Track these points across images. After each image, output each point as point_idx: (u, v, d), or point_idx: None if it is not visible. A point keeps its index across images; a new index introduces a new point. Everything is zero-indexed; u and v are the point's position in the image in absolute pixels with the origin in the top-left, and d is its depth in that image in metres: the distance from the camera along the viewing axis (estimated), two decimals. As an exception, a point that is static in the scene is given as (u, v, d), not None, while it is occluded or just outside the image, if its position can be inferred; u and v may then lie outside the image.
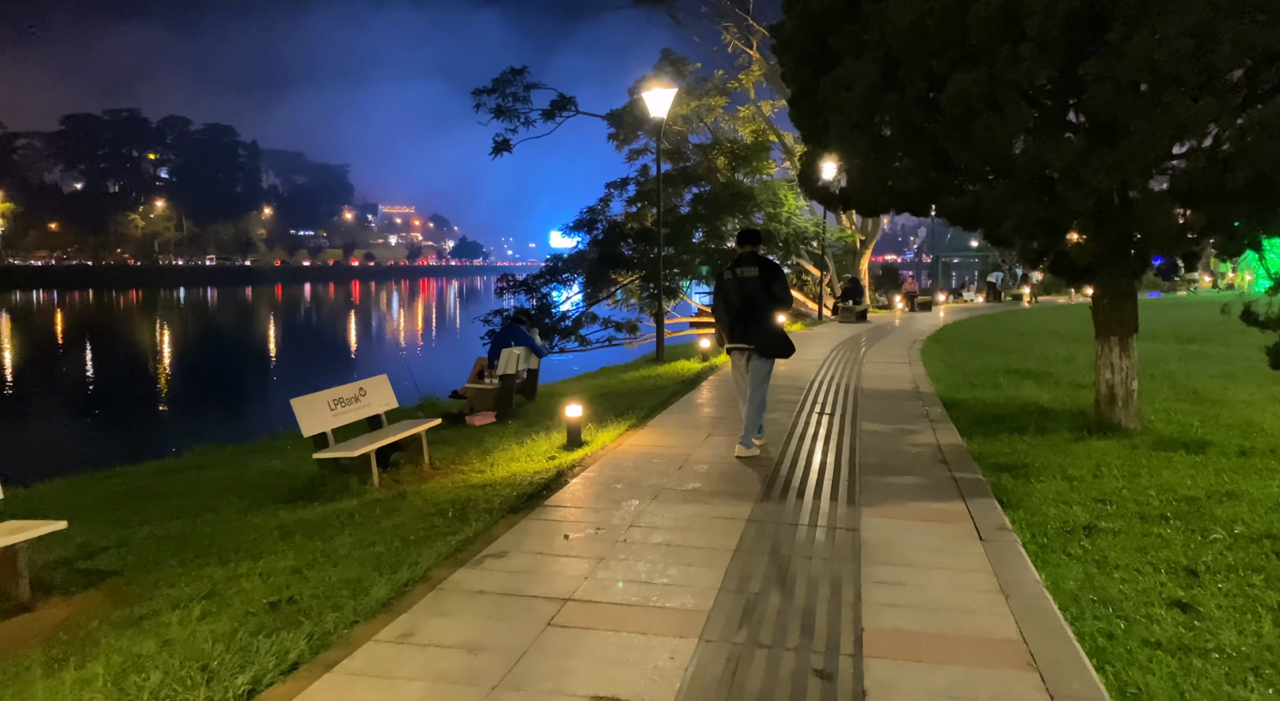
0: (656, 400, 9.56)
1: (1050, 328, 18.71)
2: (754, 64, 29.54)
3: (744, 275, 6.79)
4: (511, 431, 8.74)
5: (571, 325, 26.51)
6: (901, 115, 6.84)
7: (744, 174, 26.28)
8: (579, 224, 26.91)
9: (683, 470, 6.34)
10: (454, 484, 6.47)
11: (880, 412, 8.82)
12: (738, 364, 7.07)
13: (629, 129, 28.42)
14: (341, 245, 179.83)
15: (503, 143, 25.53)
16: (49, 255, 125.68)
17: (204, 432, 15.57)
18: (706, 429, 7.96)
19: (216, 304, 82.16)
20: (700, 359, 13.66)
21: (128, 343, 44.11)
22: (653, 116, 14.83)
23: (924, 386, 10.74)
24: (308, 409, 6.87)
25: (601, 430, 7.98)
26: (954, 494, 5.74)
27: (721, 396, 10.02)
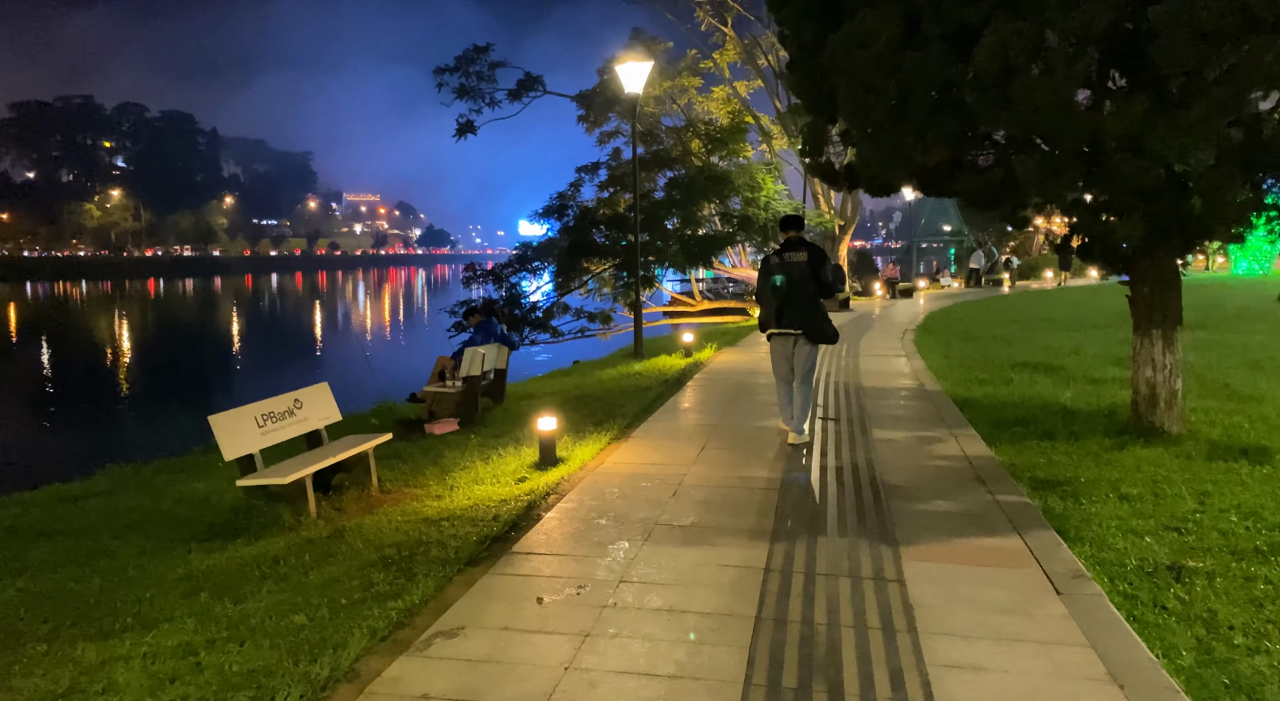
0: (639, 405, 8.55)
1: (1043, 315, 17.95)
2: (728, 43, 28.46)
3: (791, 260, 6.74)
4: (476, 443, 7.69)
5: (542, 316, 25.36)
6: (925, 76, 5.86)
7: (720, 157, 25.25)
8: (548, 210, 25.72)
9: (678, 496, 5.35)
10: (405, 516, 5.42)
11: (890, 416, 7.89)
12: (780, 349, 6.97)
13: (599, 110, 27.25)
14: (305, 234, 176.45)
15: (466, 125, 24.23)
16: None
17: (137, 443, 14.31)
18: (699, 440, 6.97)
19: (175, 297, 79.67)
20: (683, 354, 12.67)
21: (71, 341, 42.17)
22: (627, 92, 13.75)
23: (929, 383, 9.84)
24: (229, 427, 5.78)
25: (580, 444, 6.97)
26: (1003, 523, 4.81)
27: (711, 399, 9.04)
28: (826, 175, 7.29)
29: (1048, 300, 23.66)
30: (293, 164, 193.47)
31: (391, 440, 8.72)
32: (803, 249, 6.79)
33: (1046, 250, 58.75)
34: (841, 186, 7.19)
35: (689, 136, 26.75)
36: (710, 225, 25.97)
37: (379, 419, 10.15)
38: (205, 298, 78.04)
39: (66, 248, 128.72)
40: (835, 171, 7.32)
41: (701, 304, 31.52)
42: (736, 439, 7.00)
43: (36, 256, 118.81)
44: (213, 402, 23.30)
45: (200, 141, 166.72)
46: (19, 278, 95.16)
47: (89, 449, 14.88)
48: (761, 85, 29.51)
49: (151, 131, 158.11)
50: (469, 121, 24.48)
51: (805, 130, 7.21)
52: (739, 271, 30.18)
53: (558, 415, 8.28)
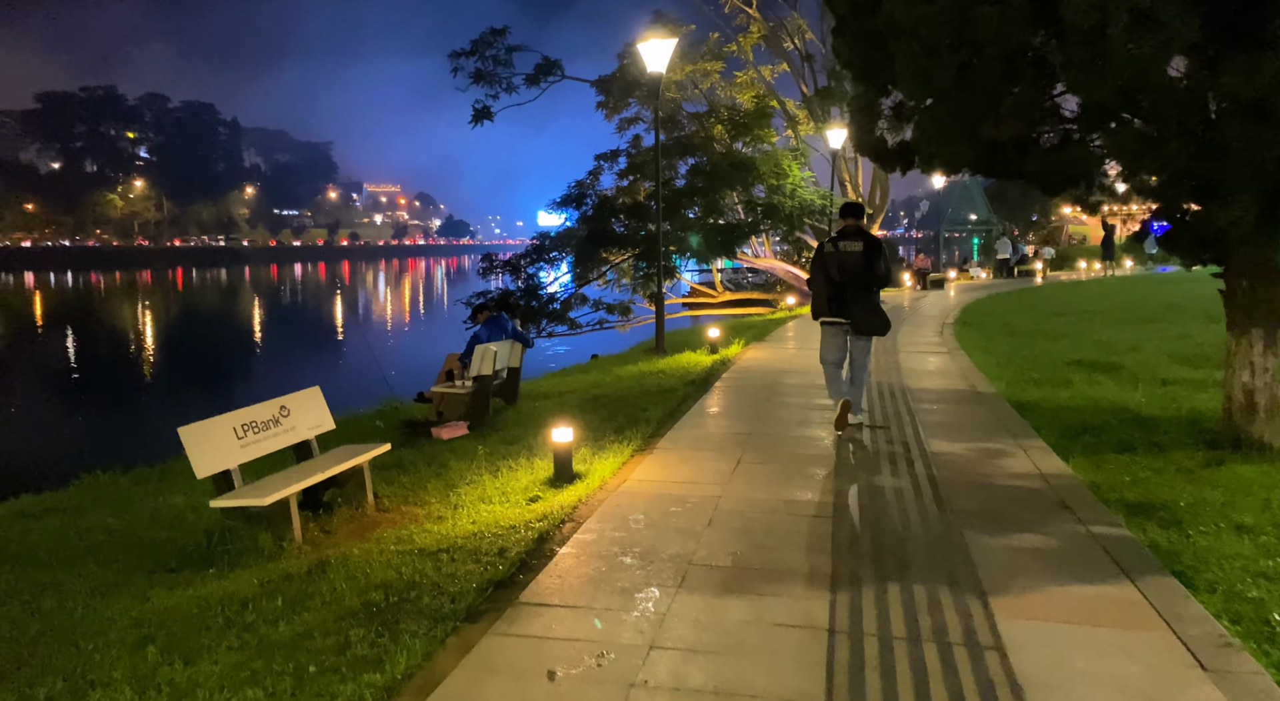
0: (664, 409, 7.78)
1: (1086, 307, 17.00)
2: (753, 25, 27.50)
3: (846, 249, 6.61)
4: (486, 452, 6.96)
5: (560, 307, 24.66)
6: (1001, 34, 5.03)
7: (744, 143, 24.35)
8: (566, 199, 24.97)
9: (714, 526, 4.59)
10: (399, 544, 4.70)
11: (944, 423, 7.08)
12: (831, 338, 6.93)
13: (619, 96, 26.41)
14: (326, 224, 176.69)
15: (483, 110, 23.48)
16: (25, 236, 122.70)
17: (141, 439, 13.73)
18: (733, 452, 6.20)
19: (197, 287, 79.71)
20: (708, 350, 11.88)
21: (90, 332, 41.99)
22: (649, 71, 12.94)
23: (981, 384, 9.00)
24: (202, 440, 5.08)
25: (599, 456, 6.22)
26: (1105, 564, 4.02)
27: (743, 403, 8.25)
28: (878, 154, 6.48)
29: (1085, 292, 22.63)
30: (313, 154, 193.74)
31: (395, 446, 8.05)
32: (859, 238, 6.66)
33: (1076, 240, 57.43)
34: (893, 167, 6.38)
35: (711, 122, 25.89)
36: (733, 214, 25.11)
37: (384, 420, 9.46)
38: (228, 288, 78.03)
39: (90, 237, 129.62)
40: (887, 150, 6.50)
41: (724, 295, 30.67)
42: (775, 451, 6.22)
43: (61, 245, 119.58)
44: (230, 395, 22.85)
45: (222, 132, 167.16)
46: (41, 267, 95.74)
47: (90, 446, 14.35)
48: (787, 69, 28.55)
49: (173, 122, 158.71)
50: (485, 107, 23.73)
51: (853, 103, 6.40)
52: (763, 261, 29.31)
53: (574, 421, 7.54)
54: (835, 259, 6.64)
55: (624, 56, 26.48)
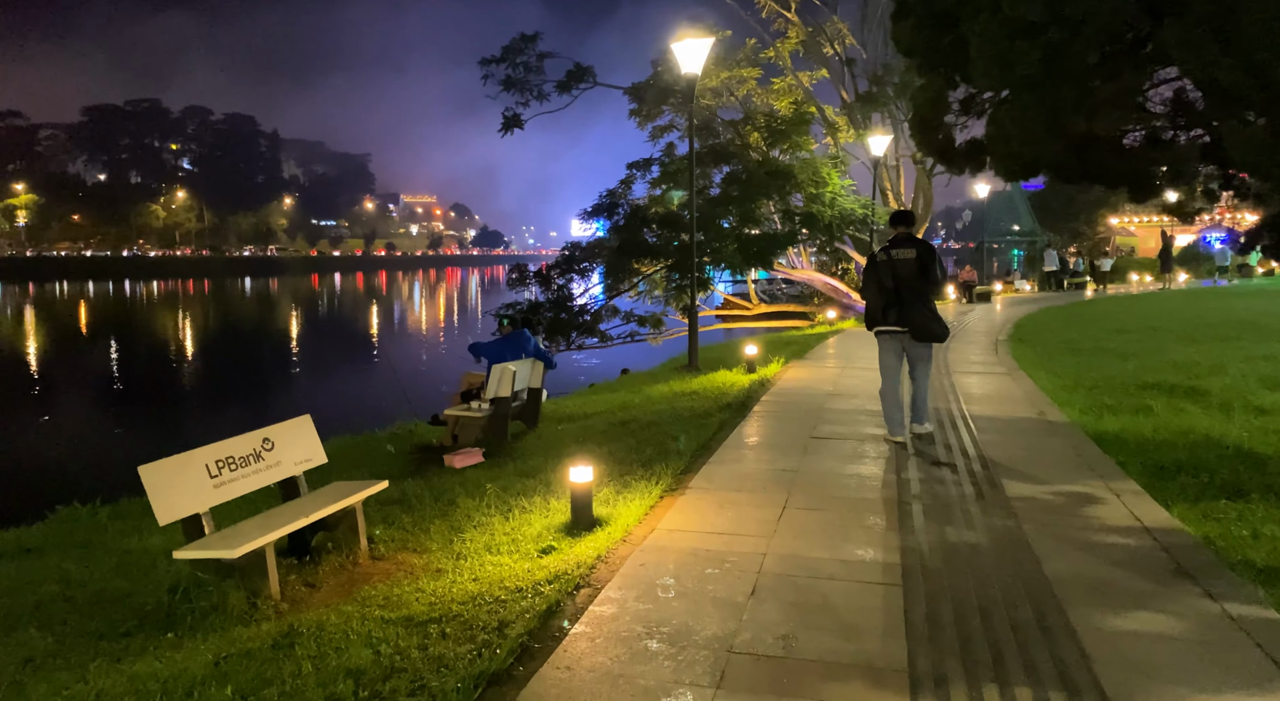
0: (697, 439, 7.01)
1: (1148, 323, 15.90)
2: (791, 30, 26.70)
3: (900, 257, 6.58)
4: (499, 487, 6.25)
5: (590, 319, 23.99)
6: (1103, 11, 4.23)
7: (781, 151, 23.55)
8: (597, 209, 24.32)
9: (759, 596, 3.81)
10: (386, 607, 3.99)
11: (1018, 459, 6.23)
12: (889, 346, 6.90)
13: (652, 103, 25.75)
14: (362, 235, 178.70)
15: (513, 118, 22.95)
16: (70, 246, 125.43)
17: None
18: (777, 496, 5.41)
19: (237, 296, 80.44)
20: (745, 369, 11.08)
21: (131, 342, 42.20)
22: (684, 72, 12.23)
23: (1050, 411, 8.11)
24: (167, 479, 4.43)
25: (624, 496, 5.47)
26: (1261, 663, 3.18)
27: (786, 432, 7.45)
28: (944, 155, 5.70)
29: (1144, 306, 21.43)
30: (351, 165, 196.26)
31: (404, 475, 7.38)
32: (911, 245, 6.60)
33: (1124, 251, 55.69)
34: (961, 169, 5.60)
35: (747, 130, 25.12)
36: (769, 224, 24.29)
37: (397, 443, 8.81)
38: (265, 298, 78.64)
39: (133, 247, 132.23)
40: (954, 150, 5.70)
41: (758, 307, 29.78)
42: (827, 494, 5.43)
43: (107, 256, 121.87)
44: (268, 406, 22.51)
45: (262, 143, 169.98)
46: (85, 277, 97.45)
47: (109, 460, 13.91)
48: (825, 75, 27.66)
49: (215, 133, 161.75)
50: (515, 115, 23.20)
51: (917, 96, 5.62)
52: (800, 273, 28.40)
53: (598, 451, 6.83)
54: (889, 267, 6.63)
55: (657, 63, 25.84)
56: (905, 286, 6.60)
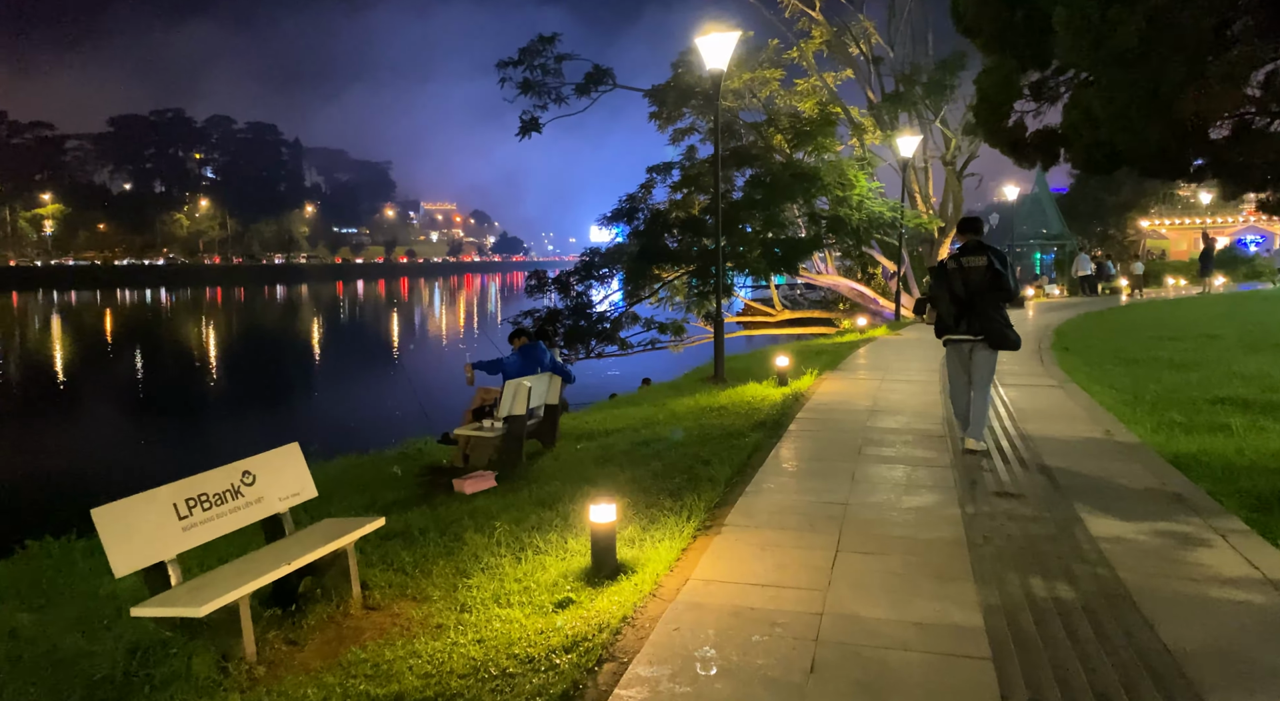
0: (730, 463, 6.35)
1: (1201, 329, 15.01)
2: (815, 29, 26.01)
3: (970, 264, 6.53)
4: (514, 515, 5.63)
5: (610, 327, 23.39)
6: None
7: (806, 153, 22.83)
8: (617, 214, 23.74)
9: (820, 674, 3.14)
10: (373, 680, 3.37)
11: (1096, 490, 5.52)
12: (956, 355, 6.86)
13: (673, 106, 25.13)
14: (383, 242, 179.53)
15: (531, 122, 22.44)
16: (96, 255, 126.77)
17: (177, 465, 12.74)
18: (828, 533, 4.74)
19: (262, 303, 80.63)
20: (775, 382, 10.40)
21: (156, 348, 42.11)
22: (709, 68, 11.59)
23: (1117, 429, 7.38)
24: (126, 523, 3.84)
25: (651, 533, 4.83)
26: None
27: (829, 457, 6.77)
28: (1014, 145, 5.03)
29: (1188, 311, 20.48)
30: (372, 173, 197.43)
31: (410, 503, 6.77)
32: (982, 253, 6.51)
33: (1155, 255, 54.43)
34: (1031, 161, 4.97)
35: (770, 131, 24.44)
36: (794, 228, 23.60)
37: (404, 465, 8.21)
38: (288, 305, 78.75)
39: (158, 256, 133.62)
40: (1024, 140, 5.02)
41: (782, 313, 29.03)
42: (884, 533, 4.75)
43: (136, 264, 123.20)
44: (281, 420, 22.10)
45: (284, 152, 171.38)
46: (111, 284, 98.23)
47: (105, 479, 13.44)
48: (851, 76, 26.93)
49: (238, 142, 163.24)
50: (534, 118, 22.68)
51: (983, 80, 4.96)
52: (825, 278, 27.66)
53: (620, 475, 6.18)
54: (960, 275, 6.56)
55: (678, 65, 25.25)
56: (977, 294, 6.52)
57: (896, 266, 24.21)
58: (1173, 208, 53.03)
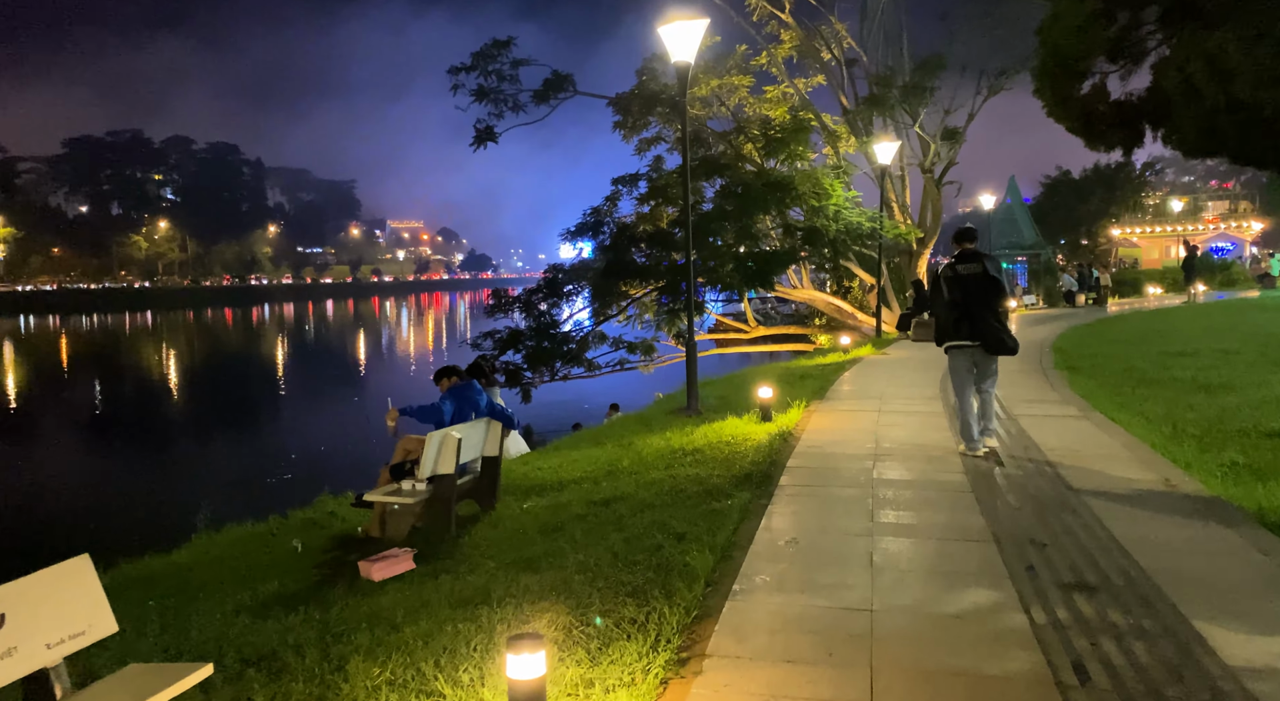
0: (709, 540, 4.91)
1: (1211, 344, 13.83)
2: (785, 34, 24.89)
3: (967, 272, 6.76)
4: (425, 625, 4.18)
5: (576, 347, 21.92)
6: None
7: (779, 161, 21.63)
8: (582, 228, 22.37)
9: None
10: None
11: (1190, 575, 4.17)
12: (960, 362, 7.01)
13: (639, 114, 23.85)
14: (348, 261, 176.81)
15: (486, 131, 21.01)
16: (51, 280, 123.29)
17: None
18: (854, 668, 3.34)
19: (218, 327, 78.13)
20: (758, 416, 9.03)
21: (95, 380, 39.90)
22: (675, 60, 10.26)
23: (1174, 475, 6.07)
24: None
25: (601, 669, 3.38)
26: None
27: (835, 528, 5.38)
28: (1087, 118, 3.74)
29: (1182, 322, 19.43)
30: (337, 192, 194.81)
31: (300, 590, 5.29)
32: (978, 260, 6.80)
33: (1127, 263, 54.15)
34: (1110, 142, 3.70)
35: (740, 140, 23.24)
36: (768, 241, 22.34)
37: (309, 537, 6.70)
38: (246, 329, 76.30)
39: (114, 279, 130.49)
40: (1100, 111, 3.70)
41: (757, 330, 27.72)
42: (935, 664, 3.35)
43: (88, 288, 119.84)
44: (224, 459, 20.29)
45: (245, 172, 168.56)
46: (66, 310, 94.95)
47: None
48: (823, 82, 25.82)
49: (198, 163, 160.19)
50: (489, 127, 21.24)
51: (1050, 29, 3.61)
52: (800, 292, 26.43)
53: (571, 558, 4.77)
54: (958, 283, 6.78)
55: (643, 72, 24.02)
56: (975, 301, 6.75)
57: (876, 279, 23.03)
58: (1143, 216, 52.79)
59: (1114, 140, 3.96)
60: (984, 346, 6.81)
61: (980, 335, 6.77)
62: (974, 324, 6.76)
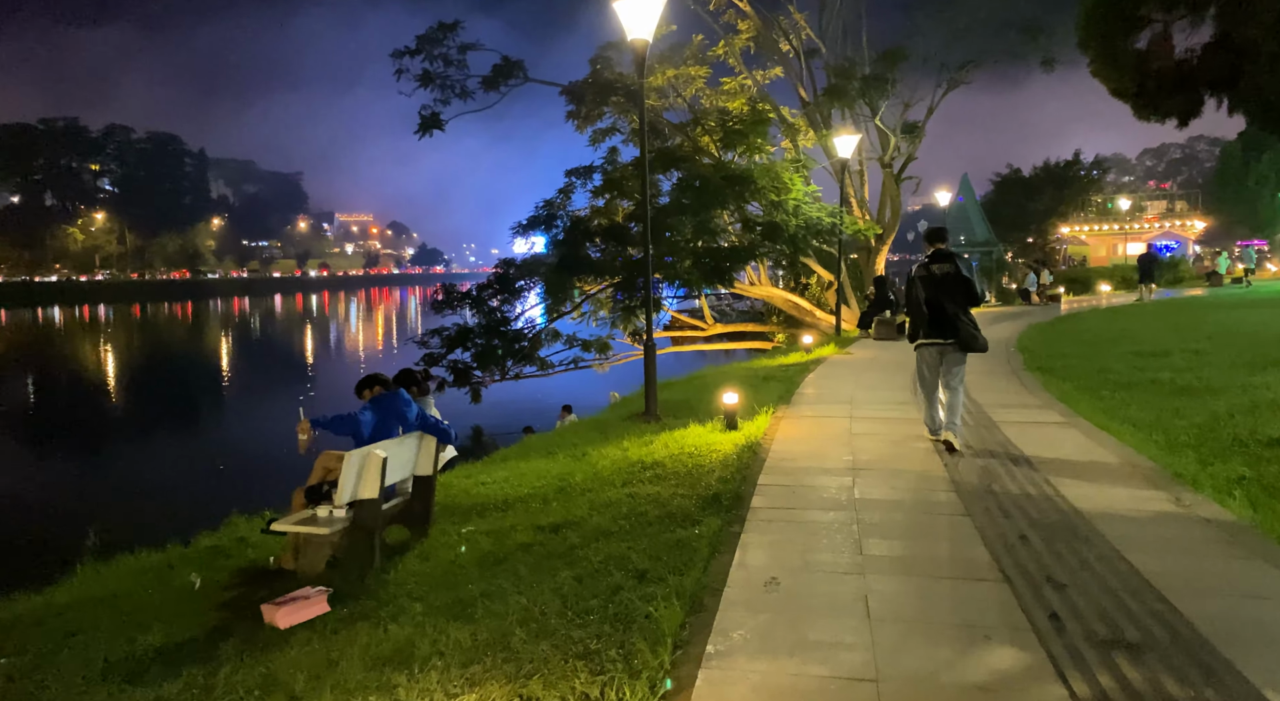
0: (678, 593, 4.17)
1: (1180, 344, 13.48)
2: (742, 23, 24.28)
3: (940, 272, 6.97)
4: (342, 688, 3.40)
5: (529, 345, 21.06)
6: None
7: (738, 154, 21.01)
8: (534, 221, 21.47)
9: None
10: None
11: (1227, 621, 3.55)
12: (929, 359, 7.24)
13: (592, 104, 23.03)
14: (295, 255, 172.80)
15: (431, 118, 20.06)
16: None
17: None
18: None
19: (156, 322, 75.26)
20: (723, 425, 8.33)
21: (16, 378, 37.77)
22: (631, 38, 9.49)
23: (1185, 495, 5.50)
24: None
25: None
26: None
27: (818, 563, 4.69)
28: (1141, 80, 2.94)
29: (1136, 320, 19.21)
30: (283, 184, 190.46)
31: (184, 642, 4.43)
32: (950, 260, 7.05)
33: (1075, 261, 54.87)
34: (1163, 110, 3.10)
35: (698, 133, 22.56)
36: (726, 236, 21.71)
37: (210, 569, 5.81)
38: (184, 325, 73.61)
39: (49, 272, 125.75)
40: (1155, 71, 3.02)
41: (714, 327, 27.13)
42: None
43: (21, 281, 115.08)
44: (144, 466, 18.82)
45: (188, 163, 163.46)
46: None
47: None
48: (780, 74, 25.28)
49: (137, 153, 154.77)
50: (435, 115, 20.27)
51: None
52: (759, 289, 25.88)
53: (513, 600, 4.02)
54: (931, 282, 6.96)
55: (597, 61, 23.23)
56: (948, 300, 6.93)
57: (835, 276, 22.56)
58: (1092, 214, 53.55)
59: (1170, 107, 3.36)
60: (957, 344, 6.97)
61: (953, 333, 6.93)
62: (946, 322, 6.93)
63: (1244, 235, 55.25)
